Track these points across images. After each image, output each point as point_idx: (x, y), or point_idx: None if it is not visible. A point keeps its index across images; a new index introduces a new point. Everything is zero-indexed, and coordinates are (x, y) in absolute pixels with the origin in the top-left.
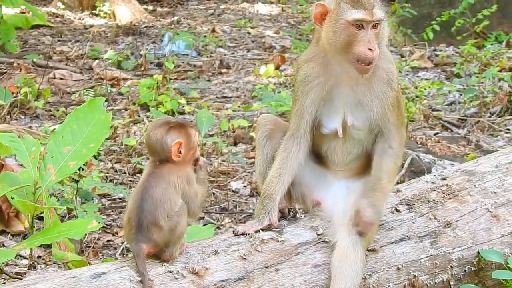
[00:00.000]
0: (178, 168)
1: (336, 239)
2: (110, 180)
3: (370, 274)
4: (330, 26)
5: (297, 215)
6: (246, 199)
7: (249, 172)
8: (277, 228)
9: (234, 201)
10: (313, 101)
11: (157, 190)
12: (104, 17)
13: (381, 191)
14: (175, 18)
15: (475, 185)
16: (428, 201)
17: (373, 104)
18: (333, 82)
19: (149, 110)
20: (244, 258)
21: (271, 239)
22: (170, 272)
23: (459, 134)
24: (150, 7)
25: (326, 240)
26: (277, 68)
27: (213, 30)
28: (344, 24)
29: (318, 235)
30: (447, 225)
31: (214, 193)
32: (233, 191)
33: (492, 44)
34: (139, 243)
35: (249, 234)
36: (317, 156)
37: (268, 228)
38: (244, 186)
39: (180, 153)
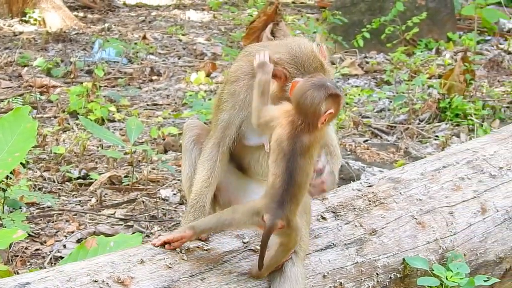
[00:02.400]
0: (319, 134)
1: None
2: (39, 189)
3: None
4: None
5: None
6: (175, 207)
7: (178, 179)
8: (206, 240)
9: (163, 209)
10: (242, 116)
11: (305, 162)
12: (34, 24)
13: (336, 157)
14: (106, 25)
15: (400, 193)
16: (354, 208)
17: None
18: None
19: (78, 118)
20: (170, 267)
21: (197, 247)
22: (95, 281)
23: (388, 141)
24: (81, 14)
25: (253, 248)
26: (208, 75)
27: (144, 37)
28: None
29: (244, 243)
30: (373, 232)
31: (143, 201)
32: (162, 199)
33: (422, 51)
34: (277, 218)
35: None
36: (239, 165)
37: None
38: (174, 194)
39: (325, 121)
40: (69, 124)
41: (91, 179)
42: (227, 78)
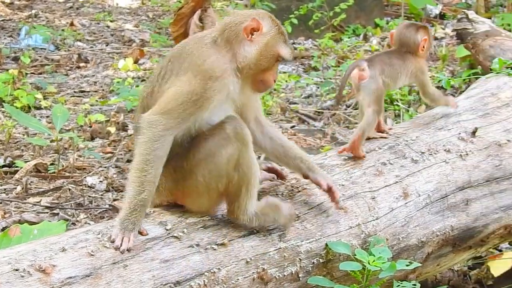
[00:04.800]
0: (416, 60)
1: None
2: None
3: (219, 268)
4: (258, 47)
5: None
6: (102, 194)
7: (105, 167)
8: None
9: (90, 196)
10: (211, 107)
11: (394, 58)
12: None
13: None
14: (33, 11)
15: None
16: (277, 194)
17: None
18: (233, 92)
19: (3, 106)
20: (92, 255)
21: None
22: (16, 270)
23: (315, 126)
24: (7, 0)
25: (175, 235)
26: (135, 62)
27: (72, 24)
28: (272, 54)
29: (167, 230)
30: (296, 218)
31: (69, 189)
32: (89, 186)
33: (349, 37)
34: None
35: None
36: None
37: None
38: (100, 181)
39: (424, 48)
40: None
41: (17, 167)
42: (205, 74)
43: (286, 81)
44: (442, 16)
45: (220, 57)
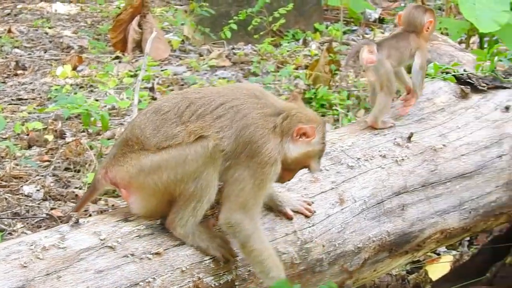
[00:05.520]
0: (419, 39)
1: None
2: None
3: (154, 277)
4: (299, 151)
5: (79, 221)
6: (39, 203)
7: (42, 175)
8: None
9: (26, 205)
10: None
11: (400, 41)
12: None
13: None
14: None
15: None
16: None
17: None
18: None
19: None
20: (25, 266)
21: (53, 246)
22: None
23: None
24: None
25: (110, 245)
26: (74, 68)
27: (9, 31)
28: (304, 162)
29: (101, 240)
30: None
31: (6, 198)
32: (25, 195)
33: (289, 42)
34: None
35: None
36: None
37: None
38: (37, 190)
39: (428, 29)
40: None
41: None
42: (265, 160)
43: None
44: (381, 20)
45: (276, 147)
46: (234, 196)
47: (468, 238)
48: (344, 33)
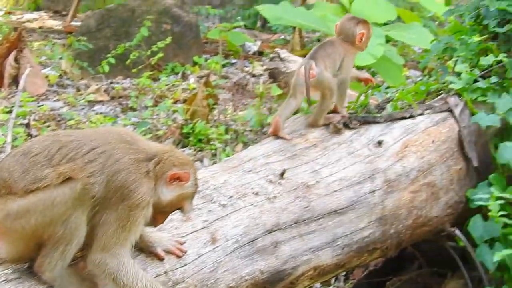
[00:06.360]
0: (349, 47)
1: None
2: None
3: None
4: (173, 194)
5: None
6: None
7: None
8: None
9: None
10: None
11: (328, 48)
12: None
13: None
14: None
15: None
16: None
17: None
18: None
19: None
20: None
21: None
22: None
23: None
24: None
25: None
26: None
27: None
28: (178, 205)
29: None
30: None
31: None
32: None
33: (168, 76)
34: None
35: None
36: None
37: None
38: None
39: (361, 40)
40: None
41: None
42: (136, 204)
43: (101, 122)
44: (260, 53)
45: (149, 191)
46: (101, 238)
47: (344, 273)
48: (224, 66)
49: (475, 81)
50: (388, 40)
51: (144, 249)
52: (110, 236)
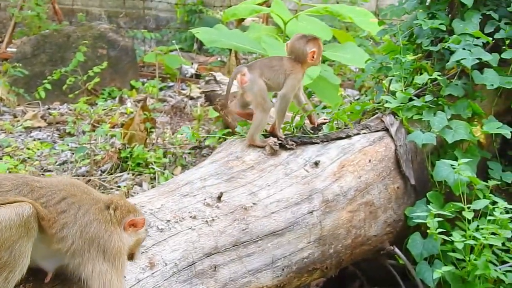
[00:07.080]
0: (296, 64)
1: None
2: None
3: None
4: (129, 239)
5: None
6: None
7: None
8: None
9: None
10: None
11: (273, 61)
12: None
13: None
14: None
15: None
16: None
17: None
18: None
19: None
20: None
21: None
22: None
23: None
24: None
25: None
26: None
27: None
28: (131, 251)
29: None
30: None
31: None
32: None
33: (105, 101)
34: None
35: None
36: None
37: None
38: None
39: (313, 58)
40: None
41: None
42: (118, 250)
43: (39, 149)
44: (198, 75)
45: (118, 236)
46: None
47: None
48: (161, 89)
49: (410, 99)
50: (324, 60)
51: None
52: (116, 284)
